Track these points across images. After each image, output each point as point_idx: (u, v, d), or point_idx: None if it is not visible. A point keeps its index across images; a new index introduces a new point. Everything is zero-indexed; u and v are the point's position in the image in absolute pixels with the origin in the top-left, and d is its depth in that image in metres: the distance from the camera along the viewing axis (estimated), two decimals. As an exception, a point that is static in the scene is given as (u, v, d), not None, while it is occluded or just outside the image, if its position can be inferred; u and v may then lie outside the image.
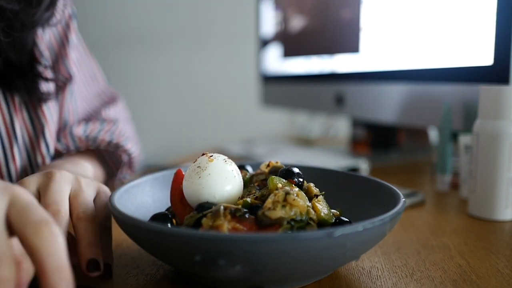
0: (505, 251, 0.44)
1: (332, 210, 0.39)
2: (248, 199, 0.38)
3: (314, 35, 1.00)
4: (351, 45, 0.88)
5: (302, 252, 0.30)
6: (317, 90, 1.00)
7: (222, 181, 0.38)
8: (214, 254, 0.30)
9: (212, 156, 0.39)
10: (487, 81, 0.61)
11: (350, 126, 1.02)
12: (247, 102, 1.62)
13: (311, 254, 0.31)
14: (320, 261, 0.33)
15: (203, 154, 0.40)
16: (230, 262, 0.30)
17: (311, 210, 0.36)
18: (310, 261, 0.32)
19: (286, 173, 0.41)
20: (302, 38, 1.05)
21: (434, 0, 0.70)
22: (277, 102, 1.19)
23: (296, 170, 0.41)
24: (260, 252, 0.30)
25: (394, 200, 0.39)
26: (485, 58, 0.62)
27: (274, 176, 0.40)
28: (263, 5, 1.20)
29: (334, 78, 0.94)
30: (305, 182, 0.41)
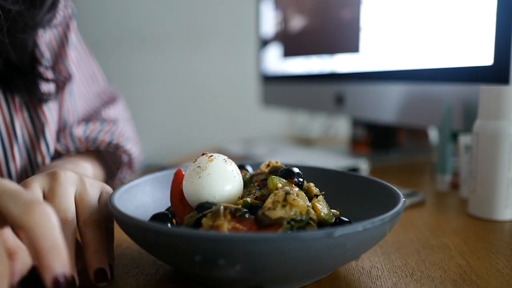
0: (505, 251, 0.44)
1: (332, 210, 0.39)
2: (248, 199, 0.38)
3: (314, 35, 1.00)
4: (351, 45, 0.88)
5: (302, 252, 0.30)
6: (317, 90, 1.00)
7: (222, 181, 0.38)
8: (214, 254, 0.30)
9: (212, 156, 0.39)
10: (487, 81, 0.61)
11: (350, 126, 1.02)
12: (247, 102, 1.62)
13: (311, 254, 0.31)
14: (320, 261, 0.32)
15: (203, 154, 0.40)
16: (230, 262, 0.30)
17: (311, 210, 0.36)
18: (310, 261, 0.32)
19: (286, 173, 0.41)
20: (302, 38, 1.05)
21: (434, 0, 0.70)
22: (277, 102, 1.19)
23: (296, 170, 0.41)
24: (260, 252, 0.30)
25: (394, 200, 0.39)
26: (485, 58, 0.62)
27: (274, 176, 0.40)
28: (263, 5, 1.20)
29: (334, 78, 0.94)
30: (305, 182, 0.41)
